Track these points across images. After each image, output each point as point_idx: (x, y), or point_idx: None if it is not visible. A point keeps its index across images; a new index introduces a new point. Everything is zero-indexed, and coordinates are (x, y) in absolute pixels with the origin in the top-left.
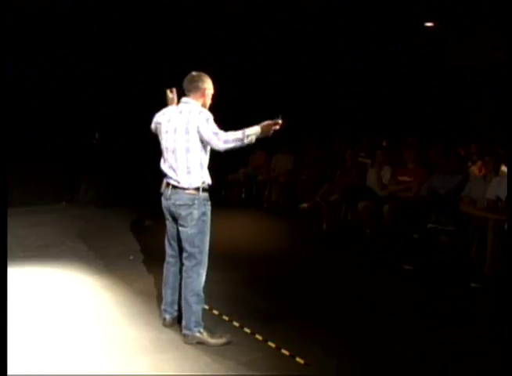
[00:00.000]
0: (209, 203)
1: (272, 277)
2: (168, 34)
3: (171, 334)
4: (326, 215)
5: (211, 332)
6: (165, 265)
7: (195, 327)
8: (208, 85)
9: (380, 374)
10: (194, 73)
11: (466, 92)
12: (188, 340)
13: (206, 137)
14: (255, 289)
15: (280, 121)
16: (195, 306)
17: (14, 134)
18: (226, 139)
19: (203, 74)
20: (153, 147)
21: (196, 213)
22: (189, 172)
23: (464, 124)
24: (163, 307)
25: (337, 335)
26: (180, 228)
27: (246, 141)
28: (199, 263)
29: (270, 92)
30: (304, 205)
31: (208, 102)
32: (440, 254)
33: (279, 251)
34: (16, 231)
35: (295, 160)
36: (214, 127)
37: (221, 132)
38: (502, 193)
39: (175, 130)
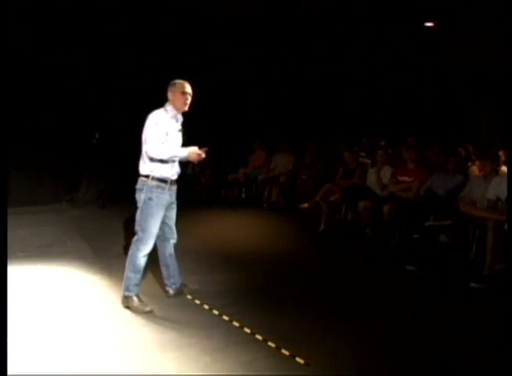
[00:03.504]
0: (159, 190)
1: (272, 277)
2: (168, 34)
3: (171, 334)
4: (326, 215)
5: (142, 301)
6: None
7: (125, 290)
8: (172, 91)
9: (380, 374)
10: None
11: (466, 92)
12: (122, 301)
13: (145, 137)
14: (255, 289)
15: (204, 155)
16: (128, 273)
17: (14, 134)
18: (158, 150)
19: (172, 82)
20: None
21: (143, 196)
22: (144, 162)
23: (464, 124)
24: (164, 282)
25: (337, 335)
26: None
27: (170, 159)
28: (140, 239)
29: (270, 92)
30: (304, 205)
31: (177, 103)
32: (440, 255)
33: (279, 251)
34: (16, 231)
35: (295, 160)
36: (157, 133)
37: (158, 141)
38: (502, 193)
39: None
